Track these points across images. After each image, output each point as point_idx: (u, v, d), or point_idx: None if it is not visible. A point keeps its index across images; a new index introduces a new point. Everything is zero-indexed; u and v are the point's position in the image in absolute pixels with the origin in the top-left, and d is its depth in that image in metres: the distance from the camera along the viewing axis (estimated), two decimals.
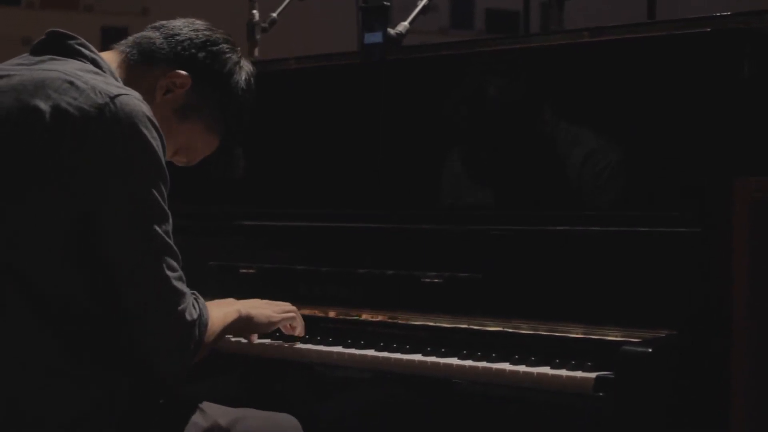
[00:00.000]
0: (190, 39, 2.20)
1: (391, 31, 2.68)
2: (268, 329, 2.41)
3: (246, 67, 2.28)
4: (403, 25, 2.72)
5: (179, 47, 2.19)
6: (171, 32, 2.20)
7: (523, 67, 2.55)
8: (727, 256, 2.15)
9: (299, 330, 2.47)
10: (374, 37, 2.67)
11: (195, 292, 2.08)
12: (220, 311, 2.24)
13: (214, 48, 2.22)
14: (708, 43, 2.27)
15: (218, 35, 2.24)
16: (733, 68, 2.26)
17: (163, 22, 2.23)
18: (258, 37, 3.41)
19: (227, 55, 2.24)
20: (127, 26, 7.20)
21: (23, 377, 1.94)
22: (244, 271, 2.80)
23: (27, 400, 1.94)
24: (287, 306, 2.46)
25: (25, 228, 1.93)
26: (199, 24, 2.24)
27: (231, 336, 2.45)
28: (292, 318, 2.45)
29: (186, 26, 2.22)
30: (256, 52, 3.40)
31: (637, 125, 2.37)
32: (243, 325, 2.33)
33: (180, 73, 2.17)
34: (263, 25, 3.42)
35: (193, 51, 2.19)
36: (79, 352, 1.97)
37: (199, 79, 2.19)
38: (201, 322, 2.05)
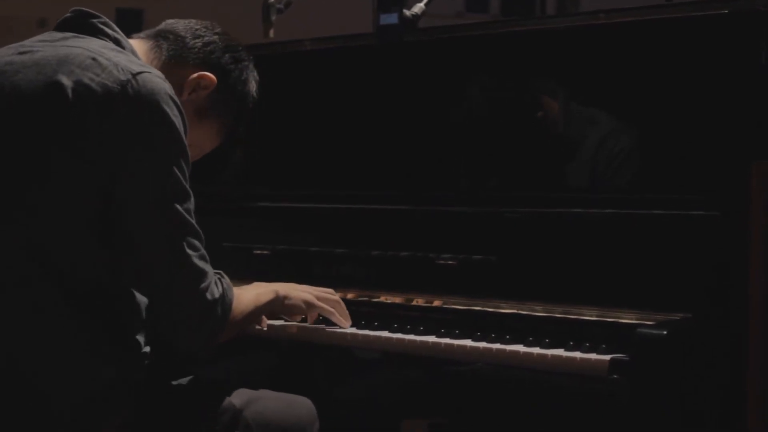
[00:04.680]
0: (215, 42, 2.24)
1: (407, 12, 2.67)
2: (307, 312, 2.37)
3: (256, 76, 2.32)
4: (419, 6, 2.70)
5: (207, 48, 2.22)
6: (197, 33, 2.23)
7: (540, 49, 2.54)
8: (744, 240, 2.14)
9: (337, 317, 2.40)
10: (390, 18, 2.65)
11: (220, 271, 2.09)
12: (253, 291, 2.25)
13: (236, 54, 2.26)
14: (726, 25, 2.25)
15: (236, 42, 2.28)
16: (752, 50, 2.24)
17: (184, 22, 2.26)
18: (273, 18, 3.39)
19: (245, 63, 2.28)
20: (143, 9, 7.19)
21: (42, 353, 1.95)
22: (258, 252, 2.80)
23: (45, 376, 1.95)
24: (329, 292, 2.42)
25: (47, 203, 1.94)
26: (218, 28, 2.28)
27: None
28: (335, 302, 2.40)
29: (208, 29, 2.26)
30: (272, 33, 3.39)
31: (653, 108, 2.36)
32: (279, 306, 2.31)
33: (208, 75, 2.20)
34: (278, 6, 3.41)
35: (218, 54, 2.23)
36: (99, 330, 1.98)
37: (221, 83, 2.22)
38: (224, 301, 2.05)
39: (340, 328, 2.43)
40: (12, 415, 1.94)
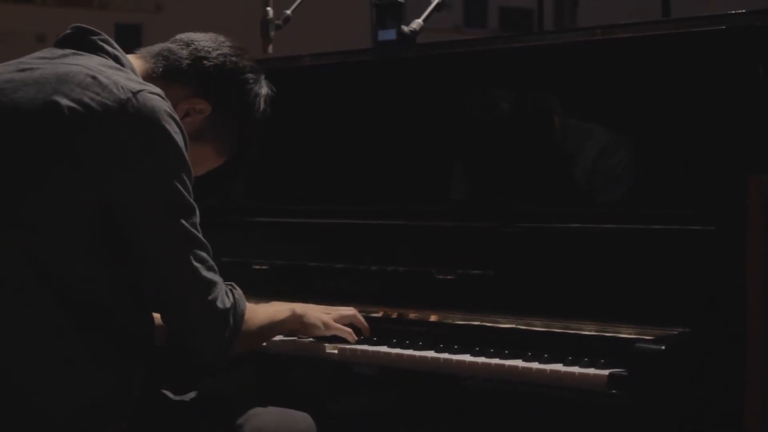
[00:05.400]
0: (216, 65, 2.19)
1: (405, 29, 2.68)
2: (325, 332, 2.39)
3: (265, 96, 2.28)
4: (417, 23, 2.71)
5: (205, 73, 2.18)
6: (199, 54, 2.19)
7: (538, 65, 2.55)
8: (741, 254, 2.14)
9: (353, 338, 2.43)
10: (388, 34, 2.66)
11: (231, 283, 2.10)
12: (270, 308, 2.28)
13: (240, 77, 2.22)
14: (723, 41, 2.26)
15: (245, 62, 2.23)
16: (748, 66, 2.25)
17: (192, 38, 2.22)
18: (272, 34, 3.41)
19: (250, 86, 2.24)
20: (141, 24, 7.21)
21: (40, 361, 1.95)
22: (257, 267, 2.80)
23: (43, 384, 1.95)
24: (347, 311, 2.45)
25: (45, 217, 1.94)
26: (227, 47, 2.23)
27: None
28: (352, 317, 2.43)
29: (214, 48, 2.21)
30: (270, 49, 3.40)
31: (650, 123, 2.37)
32: (297, 324, 2.33)
33: (201, 101, 2.17)
34: (277, 22, 3.42)
35: (218, 78, 2.19)
36: (97, 340, 1.99)
37: (220, 107, 2.20)
38: (236, 311, 2.06)
39: (339, 343, 2.43)
40: (10, 423, 1.95)
